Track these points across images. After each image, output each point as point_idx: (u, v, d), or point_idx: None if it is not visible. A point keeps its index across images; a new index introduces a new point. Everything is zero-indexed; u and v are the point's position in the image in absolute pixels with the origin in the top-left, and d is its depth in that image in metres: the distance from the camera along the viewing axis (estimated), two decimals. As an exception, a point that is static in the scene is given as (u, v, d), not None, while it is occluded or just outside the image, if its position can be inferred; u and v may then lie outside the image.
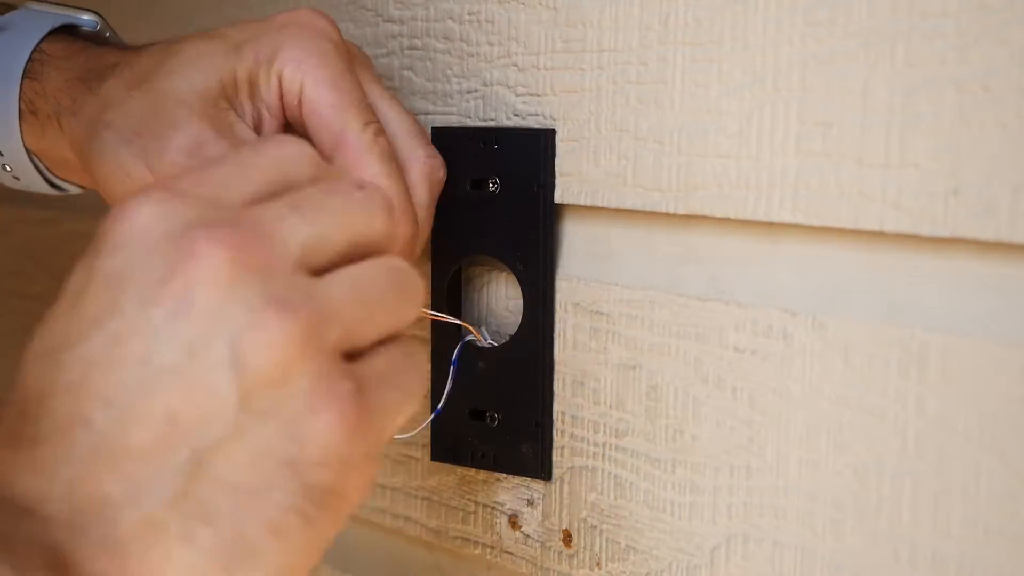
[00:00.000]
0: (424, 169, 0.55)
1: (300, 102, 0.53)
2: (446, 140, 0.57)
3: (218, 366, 0.37)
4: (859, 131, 0.44)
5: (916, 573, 0.44)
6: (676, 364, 0.51)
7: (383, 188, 0.45)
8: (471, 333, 0.57)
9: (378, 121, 0.53)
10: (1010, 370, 0.41)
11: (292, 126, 0.55)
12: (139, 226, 0.39)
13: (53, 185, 0.62)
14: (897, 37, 0.43)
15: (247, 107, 0.54)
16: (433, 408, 0.57)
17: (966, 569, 0.42)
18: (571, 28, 0.53)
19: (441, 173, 0.56)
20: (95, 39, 0.61)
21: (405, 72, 0.61)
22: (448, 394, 0.57)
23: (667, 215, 0.51)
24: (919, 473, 0.43)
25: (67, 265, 0.42)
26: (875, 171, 0.44)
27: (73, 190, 0.63)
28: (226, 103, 0.54)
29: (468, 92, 0.58)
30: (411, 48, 0.61)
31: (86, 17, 0.61)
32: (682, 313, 0.50)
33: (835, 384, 0.46)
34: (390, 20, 0.62)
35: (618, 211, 0.53)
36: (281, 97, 0.54)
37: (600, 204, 0.53)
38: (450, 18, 0.59)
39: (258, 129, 0.54)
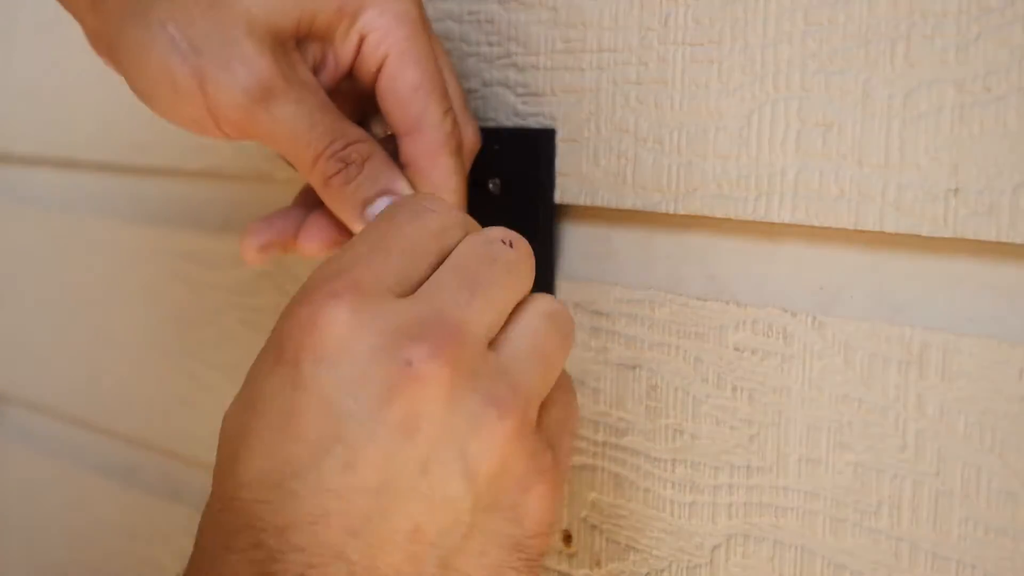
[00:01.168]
0: (470, 153, 0.54)
1: (379, 72, 0.51)
2: (446, 140, 0.57)
3: (452, 477, 0.39)
4: (859, 131, 0.44)
5: (916, 573, 0.44)
6: (676, 364, 0.51)
7: (521, 239, 0.45)
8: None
9: (453, 108, 0.52)
10: (1010, 370, 0.41)
11: (353, 79, 0.53)
12: (342, 338, 0.39)
13: None
14: (897, 37, 0.43)
15: (313, 49, 0.51)
16: None
17: (966, 569, 0.42)
18: (571, 28, 0.53)
19: (478, 150, 0.55)
20: None
21: (405, 72, 0.61)
22: None
23: (667, 215, 0.51)
24: (919, 473, 0.43)
25: (68, 265, 0.42)
26: (875, 171, 0.44)
27: None
28: (294, 43, 0.50)
29: (468, 92, 0.58)
30: (411, 48, 0.61)
31: None
32: (682, 313, 0.50)
33: (835, 384, 0.46)
34: (390, 20, 0.62)
35: (618, 211, 0.53)
36: (357, 55, 0.51)
37: (600, 204, 0.53)
38: (450, 18, 0.59)
39: (317, 70, 0.52)
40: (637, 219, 0.53)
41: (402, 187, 0.51)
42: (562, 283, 0.55)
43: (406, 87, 0.51)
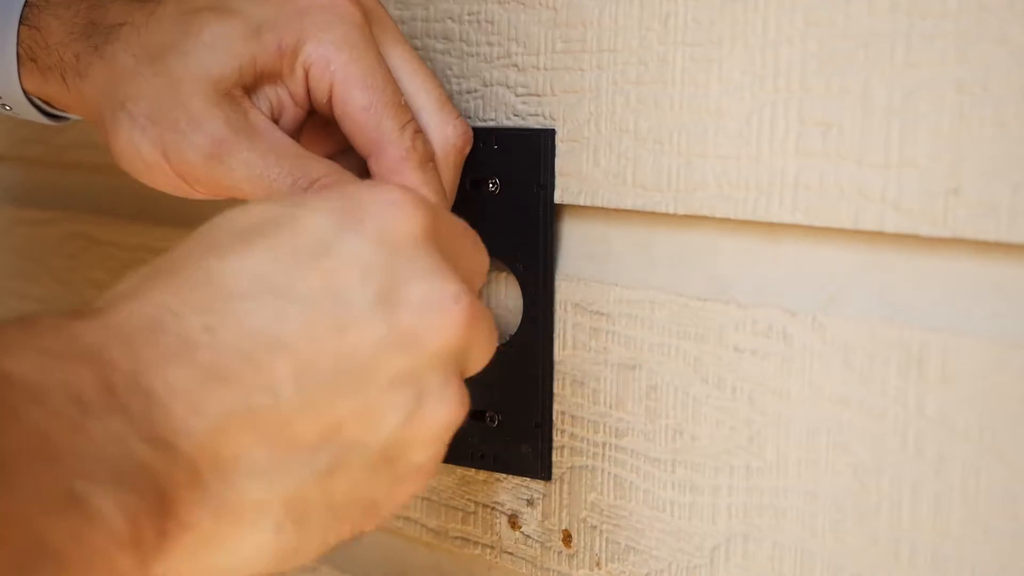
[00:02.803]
0: (453, 149, 0.54)
1: (330, 101, 0.52)
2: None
3: (404, 408, 0.40)
4: (859, 131, 0.44)
5: (916, 573, 0.44)
6: (676, 364, 0.51)
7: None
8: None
9: (413, 118, 0.52)
10: (1010, 370, 0.41)
11: (316, 113, 0.54)
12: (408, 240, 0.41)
13: (53, 116, 0.59)
14: (897, 37, 0.43)
15: (267, 93, 0.52)
16: None
17: (966, 569, 0.42)
18: (571, 28, 0.53)
19: (469, 144, 0.55)
20: None
21: (405, 72, 0.61)
22: None
23: (667, 215, 0.51)
24: (919, 473, 0.43)
25: (67, 265, 0.42)
26: (875, 171, 0.44)
27: (74, 118, 0.60)
28: (242, 91, 0.52)
29: (468, 92, 0.58)
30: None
31: None
32: (682, 313, 0.50)
33: (835, 384, 0.46)
34: (390, 20, 0.62)
35: (618, 211, 0.53)
36: (308, 89, 0.52)
37: (600, 204, 0.53)
38: (450, 18, 0.59)
39: (277, 116, 0.53)
40: (637, 219, 0.53)
41: None
42: (562, 283, 0.55)
43: (356, 110, 0.51)
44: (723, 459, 0.49)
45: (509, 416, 0.56)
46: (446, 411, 0.41)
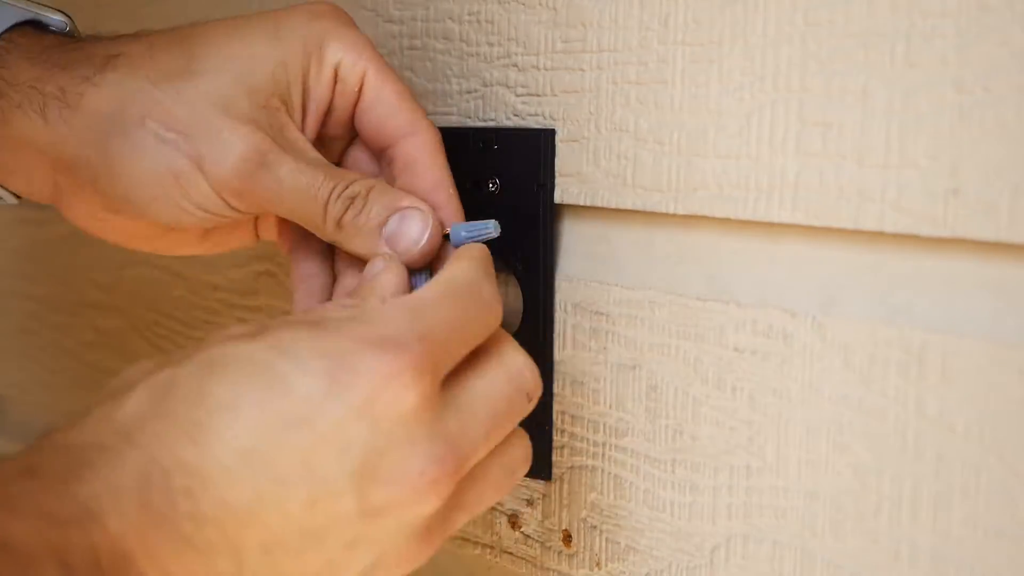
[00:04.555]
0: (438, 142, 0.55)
1: (361, 91, 0.53)
2: (446, 140, 0.57)
3: (360, 566, 0.43)
4: (859, 131, 0.44)
5: (916, 573, 0.44)
6: (676, 364, 0.51)
7: (539, 388, 0.47)
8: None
9: None
10: (1010, 370, 0.41)
11: (330, 123, 0.54)
12: (396, 417, 0.42)
13: None
14: (897, 37, 0.43)
15: (297, 103, 0.53)
16: None
17: (966, 569, 0.42)
18: (571, 28, 0.53)
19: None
20: (66, 37, 0.56)
21: (405, 72, 0.61)
22: None
23: (667, 215, 0.51)
24: (919, 473, 0.43)
25: (67, 265, 0.42)
26: (875, 171, 0.44)
27: (7, 200, 0.57)
28: (279, 101, 0.52)
29: (468, 92, 0.58)
30: (411, 48, 0.61)
31: (55, 16, 0.56)
32: (682, 313, 0.50)
33: (835, 384, 0.46)
34: (390, 20, 0.62)
35: (618, 211, 0.53)
36: (334, 86, 0.53)
37: (600, 204, 0.53)
38: (450, 18, 0.59)
39: (303, 122, 0.53)
40: (637, 219, 0.53)
41: (408, 201, 0.52)
42: (562, 283, 0.55)
43: (393, 95, 0.53)
44: (723, 459, 0.49)
45: (509, 416, 0.56)
46: (402, 568, 0.43)
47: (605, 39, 0.52)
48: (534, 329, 0.55)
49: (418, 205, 0.52)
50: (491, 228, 0.51)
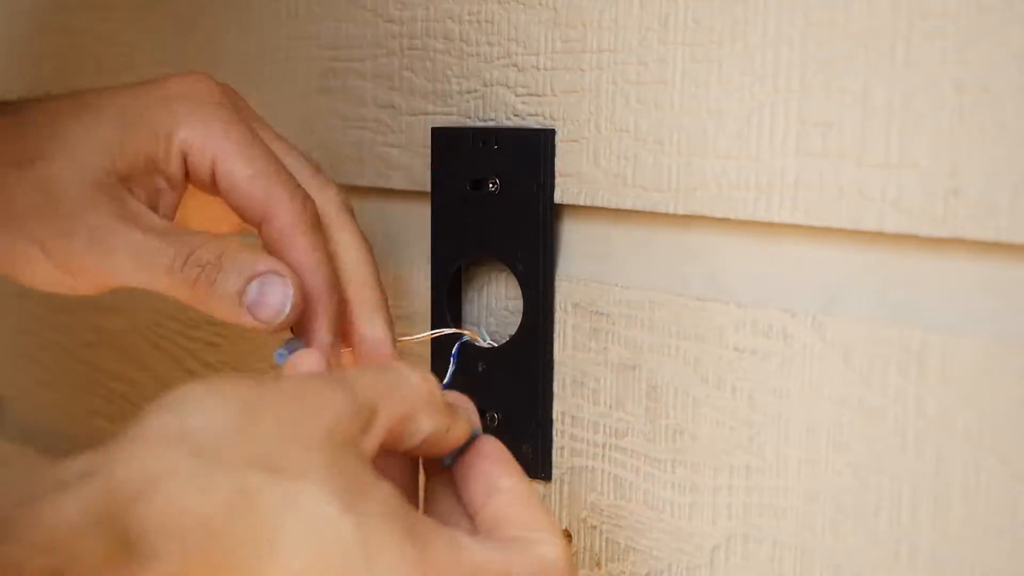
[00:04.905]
0: (344, 206, 0.54)
1: (214, 180, 0.52)
2: (446, 140, 0.57)
3: None
4: (859, 131, 0.44)
5: (916, 573, 0.44)
6: (676, 364, 0.51)
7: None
8: (467, 335, 0.57)
9: (300, 185, 0.52)
10: (1010, 370, 0.41)
11: (194, 193, 0.54)
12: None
13: None
14: (897, 37, 0.43)
15: (143, 182, 0.52)
16: None
17: (966, 569, 0.42)
18: (571, 28, 0.53)
19: (350, 204, 0.55)
20: None
21: (405, 72, 0.61)
22: (450, 377, 0.57)
23: (667, 215, 0.51)
24: (919, 473, 0.43)
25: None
26: (875, 171, 0.44)
27: None
28: (115, 179, 0.51)
29: (468, 92, 0.58)
30: (411, 48, 0.61)
31: None
32: (682, 313, 0.50)
33: (835, 384, 0.46)
34: (390, 20, 0.62)
35: (618, 211, 0.53)
36: (186, 172, 0.52)
37: (600, 204, 0.53)
38: (450, 18, 0.59)
39: (153, 203, 0.52)
40: (637, 219, 0.53)
41: (266, 265, 0.50)
42: (562, 283, 0.55)
43: (242, 181, 0.51)
44: (723, 459, 0.49)
45: (509, 416, 0.56)
46: None
47: (605, 39, 0.52)
48: (534, 329, 0.55)
49: (276, 268, 0.50)
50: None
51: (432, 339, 0.59)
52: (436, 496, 0.47)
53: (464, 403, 0.48)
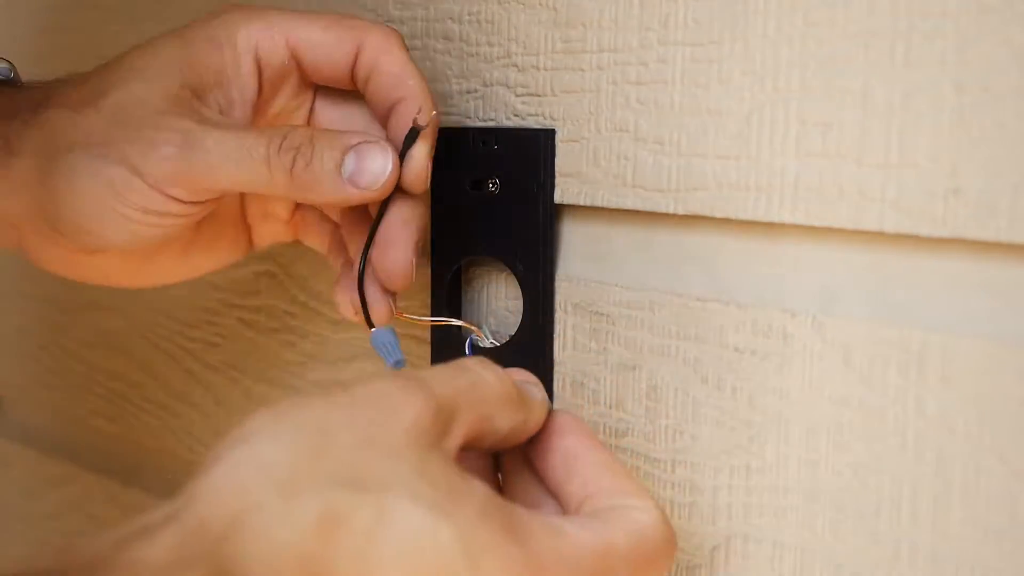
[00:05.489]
0: (394, 37, 0.55)
1: (293, 50, 0.53)
2: (446, 140, 0.57)
3: None
4: (859, 131, 0.44)
5: (916, 573, 0.44)
6: (676, 364, 0.51)
7: None
8: (473, 332, 0.57)
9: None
10: (1010, 370, 0.41)
11: (264, 102, 0.54)
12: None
13: None
14: (897, 37, 0.43)
15: (215, 97, 0.53)
16: None
17: (966, 569, 0.42)
18: (571, 28, 0.53)
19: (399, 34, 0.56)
20: (8, 85, 0.58)
21: (405, 72, 0.61)
22: None
23: (667, 215, 0.51)
24: (919, 473, 0.43)
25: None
26: (875, 171, 0.44)
27: None
28: (189, 92, 0.52)
29: (468, 92, 0.58)
30: (411, 48, 0.61)
31: None
32: (682, 313, 0.50)
33: (835, 384, 0.46)
34: (390, 20, 0.62)
35: (618, 211, 0.53)
36: (259, 74, 0.53)
37: (600, 204, 0.53)
38: (450, 18, 0.59)
39: (228, 114, 0.53)
40: (637, 219, 0.53)
41: (357, 138, 0.51)
42: (562, 283, 0.55)
43: (321, 31, 0.53)
44: (723, 459, 0.49)
45: (509, 416, 0.56)
46: None
47: (605, 39, 0.52)
48: (534, 329, 0.55)
49: (368, 138, 0.51)
50: (393, 361, 0.52)
51: (433, 338, 0.59)
52: (515, 480, 0.46)
53: (532, 381, 0.47)
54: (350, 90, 0.55)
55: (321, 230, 0.58)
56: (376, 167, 0.50)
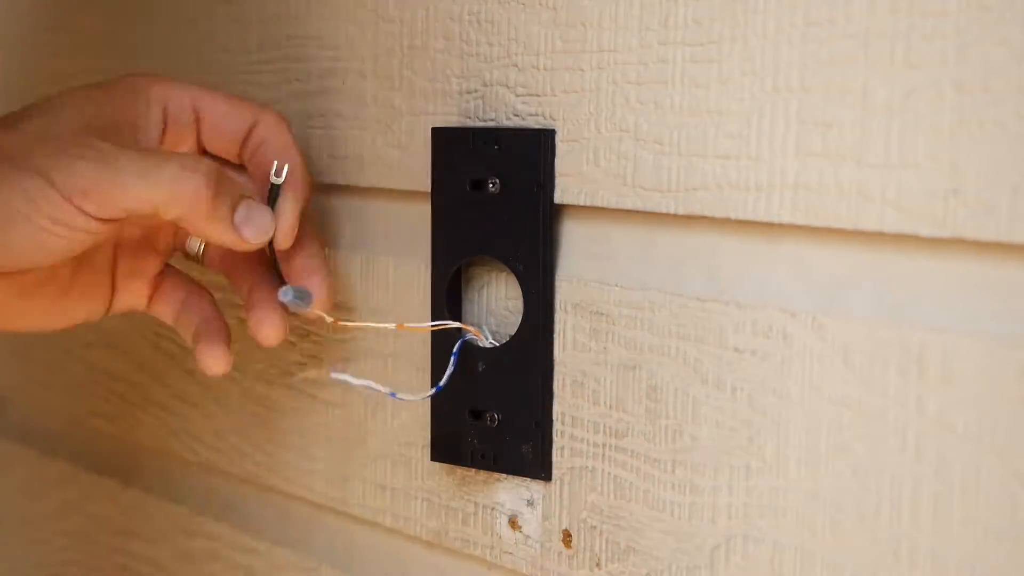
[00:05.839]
0: (284, 123, 0.61)
1: (199, 117, 0.59)
2: (446, 140, 0.57)
3: None
4: (859, 131, 0.44)
5: (916, 573, 0.44)
6: (676, 364, 0.51)
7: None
8: (472, 333, 0.57)
9: None
10: (1010, 370, 0.41)
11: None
12: None
13: None
14: (897, 37, 0.43)
15: (127, 134, 0.57)
16: (434, 384, 0.58)
17: (966, 569, 0.42)
18: (571, 28, 0.53)
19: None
20: None
21: (405, 72, 0.61)
22: (450, 375, 0.57)
23: (667, 215, 0.51)
24: (919, 473, 0.43)
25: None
26: (875, 171, 0.44)
27: None
28: (104, 125, 0.56)
29: (468, 92, 0.58)
30: (411, 48, 0.61)
31: None
32: (682, 313, 0.50)
33: (835, 384, 0.46)
34: (390, 20, 0.62)
35: (618, 211, 0.53)
36: (164, 125, 0.58)
37: (600, 204, 0.53)
38: (450, 18, 0.59)
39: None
40: (637, 219, 0.53)
41: (248, 191, 0.57)
42: (562, 283, 0.55)
43: (226, 102, 0.59)
44: (723, 459, 0.49)
45: (509, 416, 0.56)
46: None
47: (605, 39, 0.52)
48: (534, 329, 0.55)
49: (255, 195, 0.57)
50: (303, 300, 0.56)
51: (433, 338, 0.59)
52: None
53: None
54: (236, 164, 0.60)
55: (173, 299, 0.62)
56: (263, 222, 0.56)
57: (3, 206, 0.52)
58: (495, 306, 0.58)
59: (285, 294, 0.55)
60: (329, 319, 0.57)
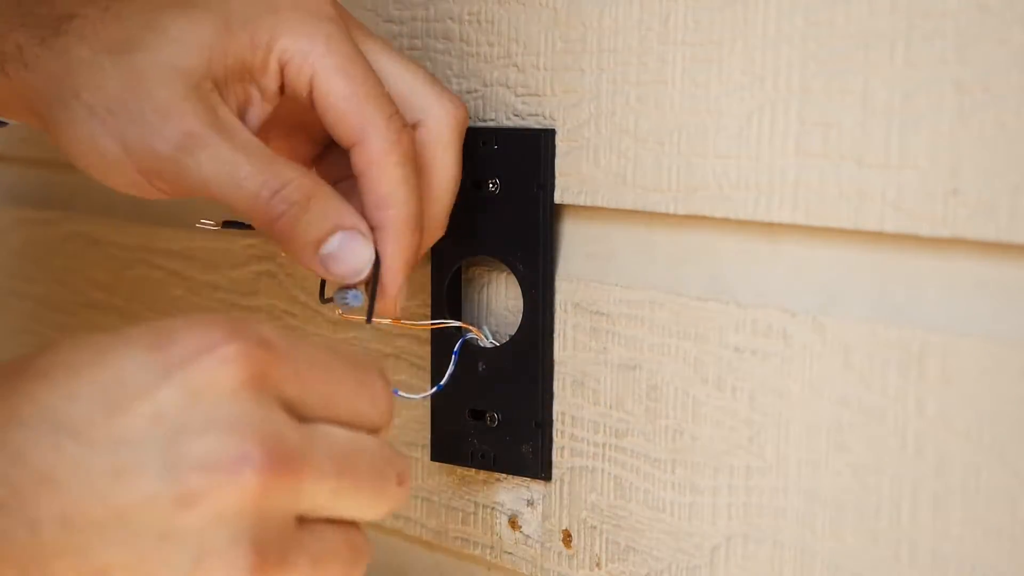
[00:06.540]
0: (454, 120, 0.53)
1: (311, 94, 0.50)
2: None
3: (179, 567, 0.38)
4: (859, 131, 0.44)
5: (916, 573, 0.44)
6: (676, 364, 0.51)
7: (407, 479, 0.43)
8: (472, 333, 0.57)
9: (399, 112, 0.50)
10: (1010, 370, 0.41)
11: (283, 111, 0.52)
12: (217, 393, 0.38)
13: None
14: (897, 37, 0.43)
15: (235, 89, 0.50)
16: (434, 383, 0.58)
17: (966, 569, 0.42)
18: (571, 29, 0.53)
19: (467, 117, 0.54)
20: None
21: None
22: (450, 375, 0.57)
23: (667, 215, 0.51)
24: (919, 473, 0.43)
25: (67, 265, 0.42)
26: (875, 171, 0.44)
27: (9, 122, 0.56)
28: (211, 84, 0.49)
29: (468, 92, 0.58)
30: (411, 48, 0.61)
31: None
32: (682, 313, 0.50)
33: (835, 384, 0.46)
34: (390, 20, 0.62)
35: (618, 211, 0.53)
36: (283, 86, 0.50)
37: (600, 204, 0.53)
38: (450, 18, 0.59)
39: (243, 111, 0.51)
40: (637, 219, 0.53)
41: (352, 221, 0.49)
42: (562, 283, 0.55)
43: (338, 100, 0.49)
44: (723, 459, 0.49)
45: (509, 416, 0.56)
46: (229, 574, 0.38)
47: (605, 39, 0.52)
48: (534, 329, 0.55)
49: (361, 227, 0.49)
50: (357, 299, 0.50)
51: (433, 338, 0.59)
52: None
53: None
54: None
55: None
56: (355, 262, 0.49)
57: (83, 155, 0.50)
58: (495, 306, 0.58)
59: (342, 297, 0.51)
60: (338, 312, 0.53)
